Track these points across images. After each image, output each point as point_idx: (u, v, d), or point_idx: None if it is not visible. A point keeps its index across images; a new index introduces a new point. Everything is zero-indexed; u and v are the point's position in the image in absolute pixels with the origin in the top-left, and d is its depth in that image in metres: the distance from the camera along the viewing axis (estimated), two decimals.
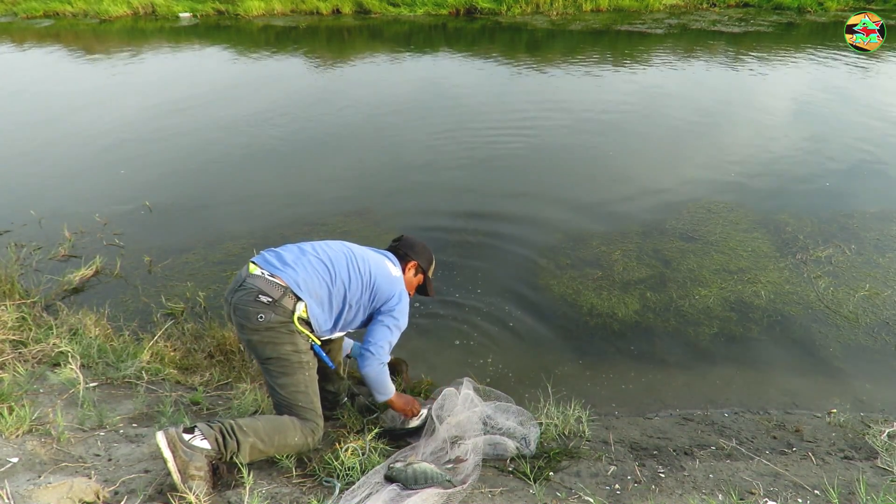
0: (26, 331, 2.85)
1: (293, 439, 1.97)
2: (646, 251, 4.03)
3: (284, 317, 1.96)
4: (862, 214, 4.48)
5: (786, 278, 3.71)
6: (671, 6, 13.76)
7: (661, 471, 2.12)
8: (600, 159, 5.68)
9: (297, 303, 1.98)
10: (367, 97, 7.84)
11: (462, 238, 4.24)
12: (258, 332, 1.95)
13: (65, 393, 2.34)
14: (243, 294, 1.96)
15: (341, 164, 5.69)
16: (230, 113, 7.28)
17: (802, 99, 7.45)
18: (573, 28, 12.07)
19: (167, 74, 9.39)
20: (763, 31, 11.48)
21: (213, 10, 14.77)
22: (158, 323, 3.19)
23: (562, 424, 2.41)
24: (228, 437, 1.84)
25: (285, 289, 1.97)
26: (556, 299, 3.56)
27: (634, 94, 7.65)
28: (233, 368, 2.92)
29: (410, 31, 12.69)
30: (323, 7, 14.36)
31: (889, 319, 3.34)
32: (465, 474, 1.95)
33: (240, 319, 1.96)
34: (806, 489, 1.98)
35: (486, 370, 3.02)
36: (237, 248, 4.13)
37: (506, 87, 8.19)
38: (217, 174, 5.54)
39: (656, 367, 3.06)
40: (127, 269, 3.92)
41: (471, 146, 5.96)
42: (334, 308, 2.10)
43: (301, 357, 2.02)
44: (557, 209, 4.63)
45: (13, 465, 1.78)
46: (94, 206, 4.76)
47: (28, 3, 15.70)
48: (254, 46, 11.33)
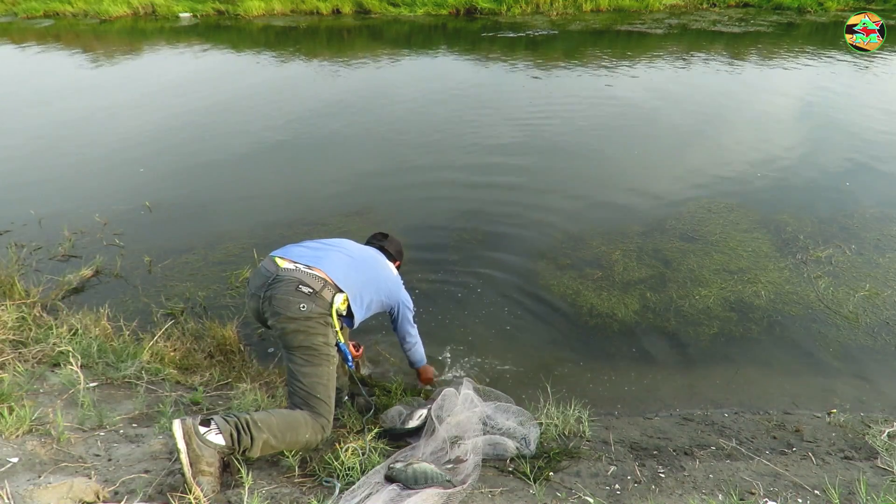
0: (26, 331, 2.84)
1: (304, 436, 1.98)
2: (646, 251, 4.03)
3: (323, 308, 2.02)
4: (862, 214, 4.49)
5: (786, 278, 3.71)
6: (671, 6, 13.76)
7: (661, 471, 2.11)
8: (600, 159, 5.69)
9: (335, 295, 2.05)
10: (367, 97, 7.84)
11: (462, 238, 4.24)
12: (296, 321, 1.98)
13: (65, 393, 2.34)
14: (281, 285, 1.99)
15: (341, 163, 5.69)
16: (230, 113, 7.29)
17: (802, 99, 7.45)
18: (573, 28, 12.07)
19: (167, 74, 9.38)
20: (763, 32, 11.48)
21: (213, 10, 14.78)
22: (158, 323, 3.19)
23: (562, 424, 2.41)
24: (244, 432, 1.83)
25: (325, 280, 2.04)
26: (556, 299, 3.56)
27: (634, 94, 7.65)
28: (233, 368, 2.92)
29: (410, 32, 12.69)
30: (323, 7, 14.37)
31: (889, 319, 3.34)
32: (465, 474, 1.95)
33: (276, 309, 1.99)
34: (806, 489, 1.98)
35: (486, 370, 3.02)
36: (237, 248, 4.13)
37: (506, 88, 8.19)
38: (217, 174, 5.54)
39: (656, 367, 3.06)
40: (127, 269, 3.92)
41: (470, 146, 5.96)
42: (364, 303, 2.20)
43: (329, 350, 2.06)
44: (557, 209, 4.63)
45: (13, 465, 1.78)
46: (94, 206, 4.76)
47: (28, 3, 15.71)
48: (254, 47, 11.33)
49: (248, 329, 3.29)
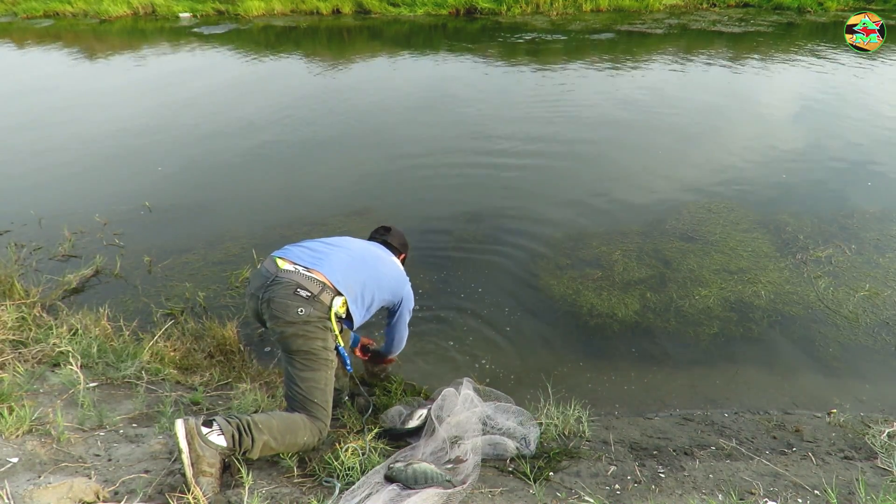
0: (26, 331, 2.84)
1: (302, 438, 1.98)
2: (646, 251, 4.03)
3: (322, 312, 2.00)
4: (862, 214, 4.48)
5: (786, 278, 3.71)
6: (671, 6, 13.76)
7: (661, 471, 2.11)
8: (600, 159, 5.69)
9: (334, 298, 2.03)
10: (367, 97, 7.84)
11: (462, 238, 4.24)
12: (294, 325, 1.97)
13: (65, 393, 2.34)
14: (279, 288, 1.97)
15: (341, 163, 5.69)
16: (230, 113, 7.28)
17: (802, 99, 7.45)
18: (573, 28, 12.07)
19: (167, 74, 9.38)
20: (763, 31, 11.47)
21: (213, 10, 14.77)
22: (158, 323, 3.19)
23: (562, 424, 2.41)
24: (245, 434, 1.84)
25: (323, 284, 2.02)
26: (556, 299, 3.56)
27: (634, 93, 7.65)
28: (233, 368, 2.92)
29: (410, 31, 12.69)
30: (323, 7, 14.36)
31: (889, 319, 3.34)
32: (465, 474, 1.95)
33: (275, 312, 1.97)
34: (806, 489, 1.98)
35: (486, 370, 3.02)
36: (237, 248, 4.13)
37: (506, 88, 8.19)
38: (217, 174, 5.54)
39: (656, 367, 3.06)
40: (127, 269, 3.92)
41: (470, 146, 5.96)
42: (365, 303, 2.18)
43: (328, 354, 2.05)
44: (557, 209, 4.63)
45: (13, 465, 1.78)
46: (94, 206, 4.76)
47: (28, 3, 15.71)
48: (254, 46, 11.32)
49: (248, 329, 3.29)
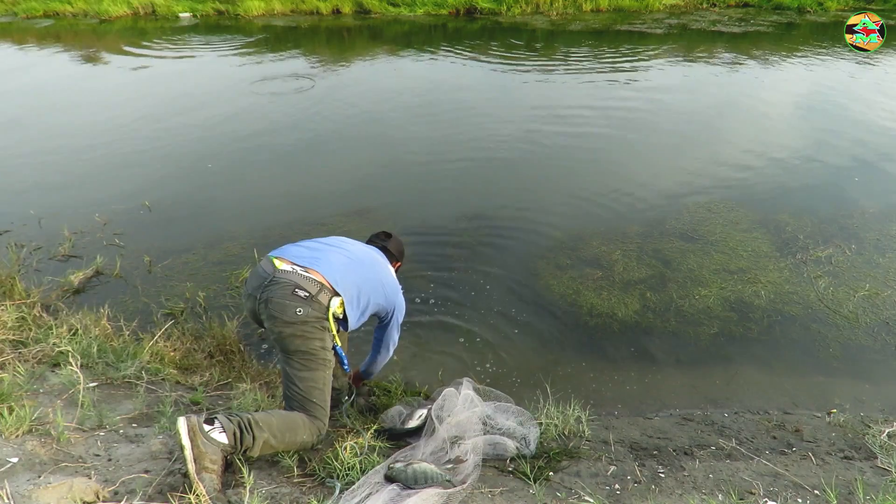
0: (26, 331, 2.84)
1: (301, 437, 1.98)
2: (646, 251, 4.03)
3: (320, 312, 1.99)
4: (862, 214, 4.48)
5: (786, 278, 3.71)
6: (671, 6, 13.75)
7: (661, 471, 2.12)
8: (600, 159, 5.68)
9: (332, 298, 2.02)
10: (367, 97, 7.83)
11: (462, 238, 4.24)
12: (292, 325, 1.96)
13: (65, 393, 2.34)
14: (277, 288, 1.97)
15: (341, 164, 5.69)
16: (230, 113, 7.28)
17: (802, 99, 7.45)
18: (573, 28, 12.07)
19: (166, 74, 9.38)
20: (763, 31, 11.47)
21: (213, 10, 14.75)
22: (158, 323, 3.19)
23: (562, 424, 2.41)
24: (246, 432, 1.84)
25: (321, 284, 2.01)
26: (556, 299, 3.56)
27: (634, 94, 7.65)
28: (233, 368, 2.92)
29: (410, 31, 12.69)
30: (323, 7, 14.35)
31: (889, 319, 3.34)
32: (465, 474, 1.95)
33: (272, 312, 1.97)
34: (806, 489, 1.98)
35: (486, 370, 3.02)
36: (237, 248, 4.13)
37: (506, 88, 8.19)
38: (217, 174, 5.53)
39: (656, 367, 3.06)
40: (127, 269, 3.92)
41: (471, 146, 5.96)
42: (361, 305, 2.16)
43: (326, 354, 2.05)
44: (557, 209, 4.63)
45: (13, 465, 1.78)
46: (94, 206, 4.76)
47: (28, 3, 15.68)
48: (254, 46, 11.32)
49: (248, 329, 3.29)
